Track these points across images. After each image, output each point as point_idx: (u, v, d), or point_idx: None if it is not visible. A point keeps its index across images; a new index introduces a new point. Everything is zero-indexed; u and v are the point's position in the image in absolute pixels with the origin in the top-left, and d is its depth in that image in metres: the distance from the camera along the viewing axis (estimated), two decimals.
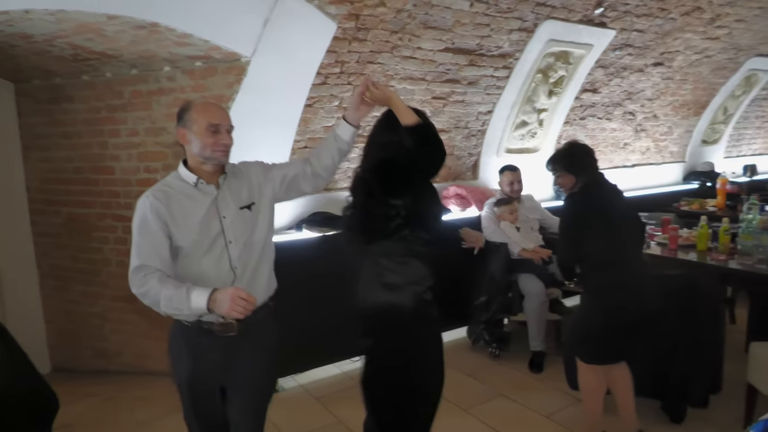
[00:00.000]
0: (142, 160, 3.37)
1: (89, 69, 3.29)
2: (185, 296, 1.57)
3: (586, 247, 2.38)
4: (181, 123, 1.73)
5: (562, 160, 2.58)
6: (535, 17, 3.74)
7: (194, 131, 1.71)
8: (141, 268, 1.67)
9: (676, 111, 5.83)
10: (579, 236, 2.41)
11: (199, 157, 1.73)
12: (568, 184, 2.55)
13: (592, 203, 2.43)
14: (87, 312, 3.72)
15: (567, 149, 2.64)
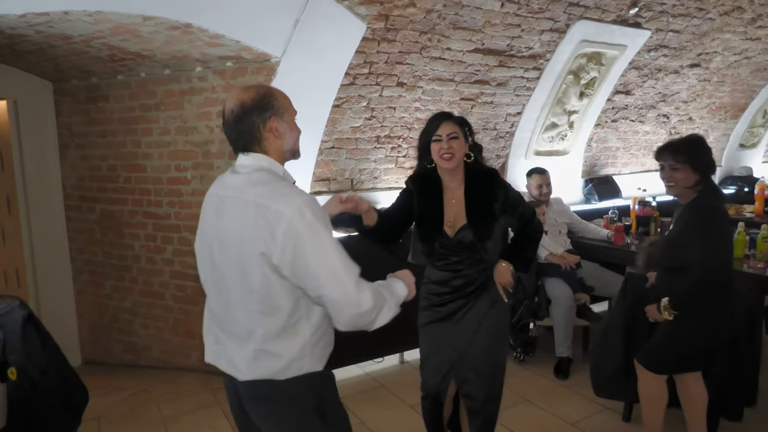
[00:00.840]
0: (173, 159, 3.43)
1: (124, 69, 3.37)
2: (394, 289, 1.47)
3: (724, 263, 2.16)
4: (271, 111, 1.37)
5: (687, 151, 2.20)
6: (568, 17, 3.67)
7: (287, 121, 1.42)
8: (359, 279, 1.36)
9: (713, 114, 5.66)
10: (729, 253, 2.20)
11: (289, 152, 1.45)
12: (684, 183, 2.19)
13: (726, 214, 2.26)
14: (118, 307, 3.81)
15: (693, 140, 2.28)
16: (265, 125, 1.37)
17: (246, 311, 1.35)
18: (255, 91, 1.39)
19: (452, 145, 2.04)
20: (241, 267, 1.32)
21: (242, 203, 1.33)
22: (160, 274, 3.62)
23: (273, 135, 1.39)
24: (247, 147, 1.39)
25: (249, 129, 1.37)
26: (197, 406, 3.13)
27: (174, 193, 3.47)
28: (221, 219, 1.38)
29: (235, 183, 1.39)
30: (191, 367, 3.59)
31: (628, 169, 5.34)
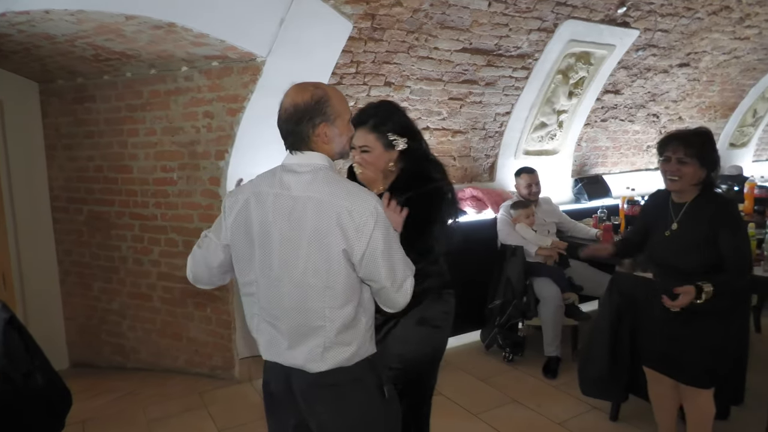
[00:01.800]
0: (159, 160, 3.41)
1: (110, 69, 3.35)
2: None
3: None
4: (321, 117, 1.40)
5: (700, 144, 2.11)
6: (555, 17, 3.68)
7: (338, 126, 1.43)
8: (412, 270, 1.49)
9: (703, 113, 5.69)
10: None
11: (337, 155, 1.47)
12: (690, 178, 2.11)
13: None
14: (106, 308, 3.79)
15: (705, 133, 2.17)
16: (314, 130, 1.40)
17: (317, 307, 1.39)
18: (310, 94, 1.40)
19: (364, 158, 1.81)
20: (321, 265, 1.37)
21: (316, 203, 1.37)
22: (147, 275, 3.59)
23: (321, 140, 1.41)
24: (297, 146, 1.43)
25: (299, 131, 1.41)
26: (184, 408, 3.11)
27: (160, 193, 3.45)
28: (290, 219, 1.39)
29: (300, 182, 1.41)
30: (179, 369, 3.57)
31: (617, 168, 5.35)
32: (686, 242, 2.13)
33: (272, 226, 1.41)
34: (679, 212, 2.19)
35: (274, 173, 1.48)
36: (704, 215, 2.11)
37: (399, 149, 1.80)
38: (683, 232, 2.15)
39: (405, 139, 1.81)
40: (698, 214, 2.13)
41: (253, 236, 1.45)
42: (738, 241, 2.09)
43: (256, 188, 1.48)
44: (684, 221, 2.17)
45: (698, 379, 2.19)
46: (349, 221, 1.34)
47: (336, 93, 1.46)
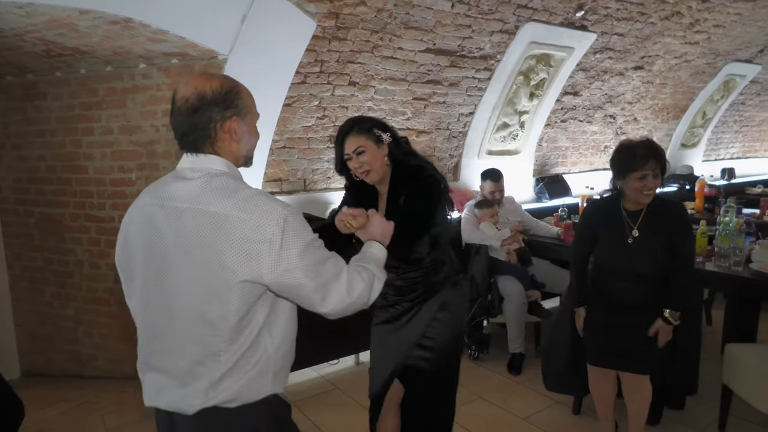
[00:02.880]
0: (116, 160, 3.30)
1: (63, 65, 3.22)
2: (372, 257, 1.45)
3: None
4: (232, 110, 1.21)
5: (662, 159, 2.22)
6: (517, 19, 3.74)
7: (247, 124, 1.25)
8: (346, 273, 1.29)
9: (656, 114, 5.90)
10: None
11: (243, 158, 1.28)
12: (655, 189, 2.22)
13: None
14: (60, 315, 3.64)
15: (657, 145, 2.26)
16: (223, 125, 1.20)
17: (207, 337, 1.16)
18: (219, 83, 1.20)
19: (362, 160, 1.86)
20: (210, 290, 1.14)
21: (208, 216, 1.12)
22: (104, 279, 3.47)
23: (230, 137, 1.21)
24: (197, 145, 1.20)
25: (204, 125, 1.19)
26: (144, 416, 3.01)
27: (118, 194, 3.34)
28: (172, 235, 1.16)
29: (190, 191, 1.16)
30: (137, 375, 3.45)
31: (577, 168, 5.49)
32: (647, 248, 2.23)
33: (151, 243, 1.19)
34: (637, 219, 2.26)
35: (163, 181, 1.25)
36: (663, 222, 2.23)
37: (386, 143, 1.89)
38: (644, 238, 2.24)
39: (388, 133, 1.90)
40: (655, 221, 2.24)
41: (134, 257, 1.23)
42: (690, 246, 2.31)
43: (140, 200, 1.25)
44: (643, 228, 2.25)
45: (641, 366, 2.32)
46: (247, 237, 1.11)
47: (246, 89, 1.27)
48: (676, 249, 2.22)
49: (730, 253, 2.88)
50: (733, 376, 2.58)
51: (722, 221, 3.05)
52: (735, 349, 2.62)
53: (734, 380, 2.57)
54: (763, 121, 7.55)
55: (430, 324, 1.97)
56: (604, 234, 2.37)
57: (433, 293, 1.98)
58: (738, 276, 2.79)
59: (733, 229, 2.94)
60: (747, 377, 2.50)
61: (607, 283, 2.32)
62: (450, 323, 2.00)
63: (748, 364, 2.49)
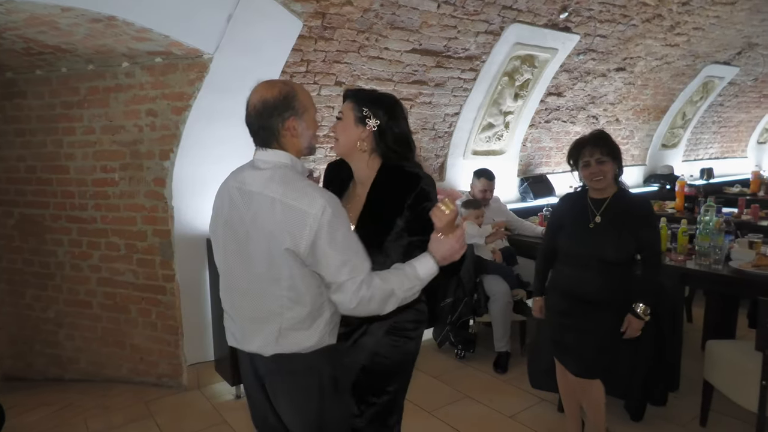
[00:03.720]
0: (99, 160, 3.25)
1: (43, 63, 3.16)
2: (414, 273, 1.48)
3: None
4: (290, 111, 1.45)
5: (607, 143, 2.28)
6: (502, 20, 3.77)
7: (306, 120, 1.49)
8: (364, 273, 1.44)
9: (638, 115, 5.99)
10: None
11: (306, 149, 1.53)
12: (610, 176, 2.28)
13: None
14: (40, 317, 3.57)
15: (603, 132, 2.36)
16: (284, 124, 1.45)
17: (273, 296, 1.44)
18: (278, 90, 1.46)
19: (335, 126, 1.73)
20: (269, 258, 1.42)
21: (269, 200, 1.41)
22: (86, 281, 3.41)
23: (290, 133, 1.46)
24: (267, 142, 1.47)
25: (269, 126, 1.46)
26: (128, 419, 2.97)
27: (100, 195, 3.28)
28: (246, 212, 1.45)
29: (259, 179, 1.44)
30: (122, 378, 3.41)
31: (560, 168, 5.54)
32: (609, 234, 2.27)
33: (231, 217, 1.49)
34: (601, 207, 2.33)
35: (243, 168, 1.54)
36: (626, 213, 2.28)
37: (369, 128, 1.68)
38: (606, 224, 2.29)
39: (376, 122, 1.68)
40: (620, 211, 2.29)
41: (218, 226, 1.55)
42: (656, 240, 2.36)
43: (227, 182, 1.56)
44: (606, 215, 2.31)
45: (586, 370, 2.32)
46: (293, 221, 1.38)
47: (302, 89, 1.51)
48: (642, 243, 2.27)
49: (710, 252, 2.94)
50: (713, 372, 2.63)
51: (702, 220, 3.11)
52: (715, 345, 2.67)
53: (715, 376, 2.62)
54: (740, 122, 7.71)
55: (374, 351, 1.72)
56: (568, 221, 2.43)
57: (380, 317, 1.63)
58: (718, 274, 2.86)
59: (712, 228, 3.00)
60: (727, 373, 2.55)
61: (569, 272, 2.36)
62: (397, 348, 1.74)
63: (728, 360, 2.55)
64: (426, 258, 1.51)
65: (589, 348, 2.30)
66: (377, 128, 1.69)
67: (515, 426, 2.83)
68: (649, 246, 2.30)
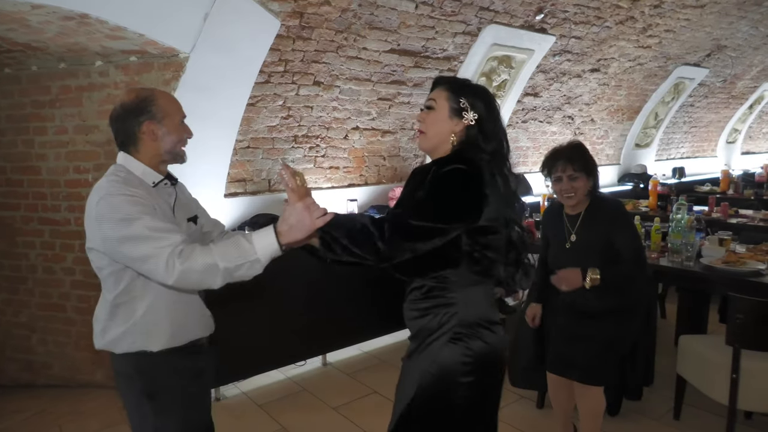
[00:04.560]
0: (72, 160, 3.18)
1: (12, 62, 3.08)
2: (246, 241, 1.32)
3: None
4: (147, 116, 1.49)
5: (580, 159, 2.21)
6: (479, 21, 3.80)
7: (166, 125, 1.52)
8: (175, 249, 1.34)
9: (612, 115, 6.10)
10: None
11: (168, 154, 1.55)
12: (583, 191, 2.22)
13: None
14: (11, 322, 3.48)
15: (581, 146, 2.28)
16: (140, 128, 1.50)
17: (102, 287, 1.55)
18: (136, 94, 1.52)
19: (423, 116, 1.52)
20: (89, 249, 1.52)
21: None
22: (59, 284, 3.34)
23: (149, 137, 1.50)
24: (124, 145, 1.53)
25: (125, 129, 1.51)
26: (104, 425, 2.92)
27: (74, 196, 3.22)
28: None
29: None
30: (97, 383, 3.34)
31: (537, 167, 5.60)
32: (586, 252, 2.22)
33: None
34: (575, 224, 2.28)
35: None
36: (599, 223, 2.23)
37: (465, 120, 1.46)
38: (582, 242, 2.25)
39: (475, 115, 1.46)
40: (593, 223, 2.24)
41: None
42: (633, 241, 2.23)
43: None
44: (581, 232, 2.26)
45: (590, 377, 2.28)
46: (87, 212, 1.47)
47: (165, 95, 1.56)
48: (619, 245, 2.18)
49: (682, 249, 3.01)
50: (686, 367, 2.70)
51: (674, 218, 3.18)
52: (688, 340, 2.74)
53: (687, 370, 2.69)
54: (710, 122, 7.91)
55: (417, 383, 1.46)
56: (551, 238, 2.42)
57: (426, 344, 1.46)
58: (689, 270, 2.92)
59: (684, 226, 3.07)
60: (699, 367, 2.62)
61: (555, 288, 2.30)
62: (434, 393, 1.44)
63: (700, 355, 2.61)
64: (267, 229, 1.33)
65: (593, 355, 2.24)
66: (475, 122, 1.46)
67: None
68: (626, 246, 2.19)
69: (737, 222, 4.37)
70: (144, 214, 1.39)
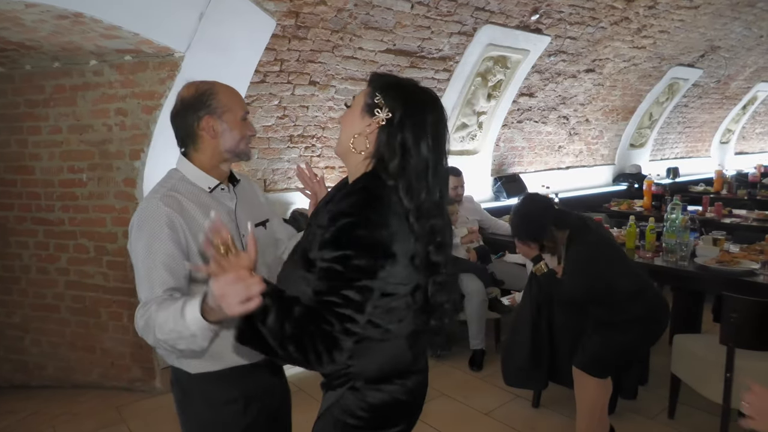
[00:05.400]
0: (66, 160, 3.16)
1: (6, 60, 3.06)
2: (179, 312, 1.12)
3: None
4: (206, 110, 1.36)
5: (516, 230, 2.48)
6: (475, 21, 3.81)
7: (227, 121, 1.38)
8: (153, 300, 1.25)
9: (607, 116, 6.12)
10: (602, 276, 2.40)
11: (229, 153, 1.40)
12: (530, 254, 2.45)
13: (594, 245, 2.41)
14: (5, 323, 3.45)
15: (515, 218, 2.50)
16: (199, 123, 1.37)
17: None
18: (195, 87, 1.39)
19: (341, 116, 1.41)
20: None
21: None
22: (53, 284, 3.32)
23: (208, 134, 1.37)
24: (184, 143, 1.41)
25: (184, 125, 1.39)
26: (99, 425, 2.90)
27: (68, 196, 3.20)
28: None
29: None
30: (92, 383, 3.33)
31: (533, 167, 5.63)
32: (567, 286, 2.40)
33: None
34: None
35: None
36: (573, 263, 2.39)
37: (377, 120, 1.16)
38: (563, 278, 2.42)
39: (386, 111, 1.15)
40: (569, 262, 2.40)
41: None
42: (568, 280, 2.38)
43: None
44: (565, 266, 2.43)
45: (591, 365, 2.37)
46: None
47: (226, 89, 1.41)
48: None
49: (677, 249, 3.03)
50: (680, 366, 2.71)
51: (669, 218, 3.19)
52: (682, 339, 2.75)
53: (682, 369, 2.70)
54: (704, 122, 7.96)
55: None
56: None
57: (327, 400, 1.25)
58: (684, 270, 2.94)
59: (679, 226, 3.09)
60: (693, 366, 2.63)
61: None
62: None
63: (694, 354, 2.62)
64: (196, 300, 1.11)
65: (593, 342, 2.38)
66: (386, 122, 1.16)
67: (491, 422, 2.86)
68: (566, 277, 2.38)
69: (731, 222, 4.40)
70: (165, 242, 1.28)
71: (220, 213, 1.23)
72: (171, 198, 1.32)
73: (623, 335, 2.34)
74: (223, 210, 1.39)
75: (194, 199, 1.36)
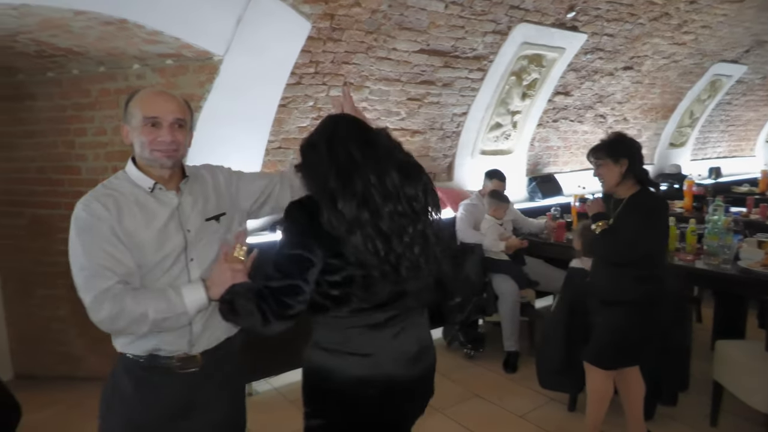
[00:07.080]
0: (110, 160, 3.28)
1: (54, 66, 3.19)
2: (174, 296, 1.36)
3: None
4: (124, 117, 1.46)
5: (602, 146, 2.42)
6: (509, 20, 3.77)
7: (133, 127, 1.43)
8: (106, 291, 1.35)
9: (645, 114, 5.97)
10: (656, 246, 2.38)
11: (142, 159, 1.46)
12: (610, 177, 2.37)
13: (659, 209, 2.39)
14: (51, 316, 3.60)
15: (611, 135, 2.48)
16: (123, 130, 1.48)
17: None
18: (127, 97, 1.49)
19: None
20: None
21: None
22: None
23: (126, 139, 1.48)
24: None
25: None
26: None
27: None
28: None
29: None
30: None
31: (568, 167, 5.54)
32: (617, 237, 2.28)
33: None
34: (617, 209, 2.37)
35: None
36: (621, 213, 2.32)
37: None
38: (615, 227, 2.32)
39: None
40: (630, 211, 2.30)
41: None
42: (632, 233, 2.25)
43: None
44: (618, 217, 2.33)
45: (593, 355, 2.42)
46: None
47: (144, 94, 1.46)
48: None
49: (719, 251, 2.94)
50: (723, 373, 2.63)
51: (711, 219, 3.10)
52: (725, 345, 2.67)
53: (724, 376, 2.62)
54: (748, 120, 7.67)
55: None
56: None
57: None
58: (727, 273, 2.85)
59: (721, 228, 3.00)
60: (736, 373, 2.55)
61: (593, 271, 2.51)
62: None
63: (738, 361, 2.54)
64: (197, 284, 1.40)
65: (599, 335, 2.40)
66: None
67: (525, 425, 2.83)
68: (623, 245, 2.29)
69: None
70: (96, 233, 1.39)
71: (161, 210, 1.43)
72: (107, 197, 1.42)
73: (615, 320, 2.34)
74: (166, 209, 1.45)
75: (132, 198, 1.44)
